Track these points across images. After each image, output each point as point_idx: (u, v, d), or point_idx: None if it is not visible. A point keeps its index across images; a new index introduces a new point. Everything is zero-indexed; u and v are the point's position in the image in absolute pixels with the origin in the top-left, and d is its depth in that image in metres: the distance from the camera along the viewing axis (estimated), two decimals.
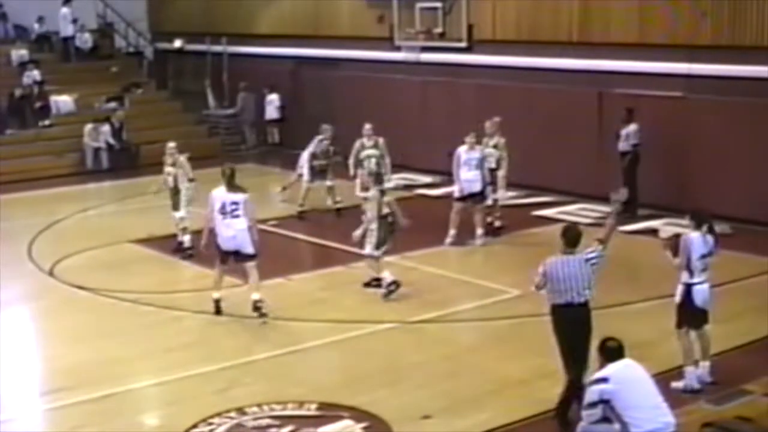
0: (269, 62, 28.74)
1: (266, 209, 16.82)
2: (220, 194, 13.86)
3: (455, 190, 17.71)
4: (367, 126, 19.64)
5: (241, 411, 10.82)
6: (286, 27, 28.10)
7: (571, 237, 10.40)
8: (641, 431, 8.16)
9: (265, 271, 15.09)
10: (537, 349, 12.61)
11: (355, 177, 18.95)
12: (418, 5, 24.04)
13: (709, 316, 11.23)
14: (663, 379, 9.33)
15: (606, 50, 20.28)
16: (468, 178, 17.51)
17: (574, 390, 9.95)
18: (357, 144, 19.37)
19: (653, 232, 18.02)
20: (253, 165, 25.88)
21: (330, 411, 10.69)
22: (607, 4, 20.41)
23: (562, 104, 21.25)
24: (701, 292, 11.00)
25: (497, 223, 18.06)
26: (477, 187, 17.48)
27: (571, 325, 10.28)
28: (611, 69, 20.30)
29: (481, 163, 17.46)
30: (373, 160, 19.15)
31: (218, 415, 10.73)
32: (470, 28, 23.24)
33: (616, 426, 8.31)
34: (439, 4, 23.65)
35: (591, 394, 8.41)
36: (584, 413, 8.54)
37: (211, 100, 30.39)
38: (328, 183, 20.09)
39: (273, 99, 28.52)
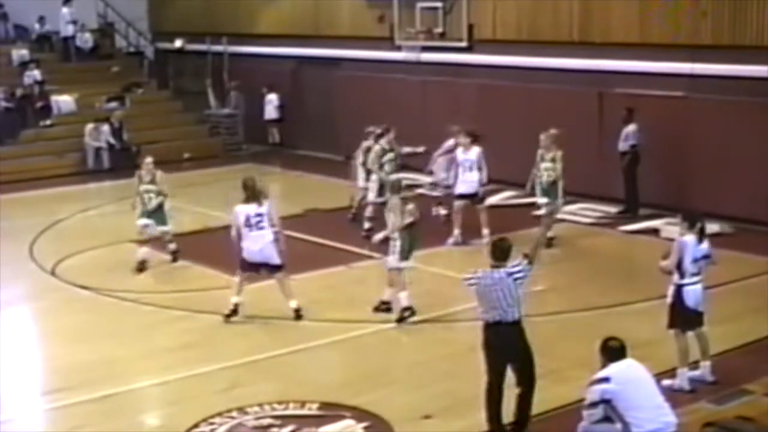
0: (270, 62, 28.76)
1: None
2: (243, 208, 13.78)
3: (455, 189, 17.79)
4: (391, 133, 18.56)
5: (242, 411, 10.83)
6: (287, 27, 28.11)
7: (500, 250, 9.96)
8: (643, 431, 8.17)
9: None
10: (538, 348, 12.54)
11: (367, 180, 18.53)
12: (419, 5, 24.05)
13: (704, 317, 11.23)
14: (664, 379, 9.36)
15: (606, 50, 20.29)
16: (464, 179, 17.54)
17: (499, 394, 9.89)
18: (377, 148, 18.34)
19: (654, 231, 18.07)
20: (254, 165, 25.88)
21: (331, 411, 10.71)
22: (607, 3, 20.42)
23: (562, 104, 21.23)
24: (692, 293, 11.03)
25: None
26: (473, 189, 17.50)
27: (500, 345, 9.84)
28: (612, 69, 20.31)
29: (476, 165, 17.45)
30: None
31: (219, 414, 10.74)
32: (471, 27, 23.25)
33: (618, 426, 8.33)
34: (439, 4, 23.66)
35: (592, 393, 8.43)
36: (585, 413, 8.55)
37: (212, 100, 30.40)
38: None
39: (272, 99, 28.54)
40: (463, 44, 23.38)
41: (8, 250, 17.67)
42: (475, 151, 17.52)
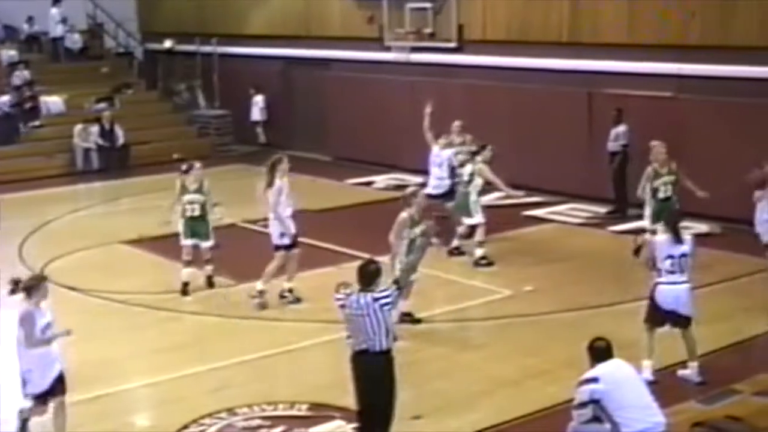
0: (260, 62, 28.75)
1: (254, 210, 16.79)
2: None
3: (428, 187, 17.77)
4: (456, 123, 18.29)
5: (232, 411, 10.84)
6: (277, 27, 28.10)
7: (366, 274, 9.39)
8: (632, 431, 8.19)
9: (256, 272, 15.12)
10: (528, 349, 12.68)
11: None
12: (408, 5, 24.06)
13: (690, 319, 11.27)
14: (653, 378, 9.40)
15: (596, 50, 20.33)
16: (435, 175, 17.62)
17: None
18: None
19: (643, 231, 18.09)
20: (243, 165, 25.88)
21: (321, 411, 10.72)
22: (596, 4, 20.46)
23: (552, 104, 21.29)
24: (666, 292, 11.12)
25: None
26: (444, 187, 17.47)
27: (366, 376, 9.31)
28: (601, 69, 20.37)
29: (446, 164, 17.41)
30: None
31: (209, 415, 10.75)
32: (460, 28, 23.28)
33: (607, 426, 8.35)
34: (429, 5, 23.68)
35: (581, 394, 8.44)
36: (575, 413, 8.57)
37: (201, 101, 30.39)
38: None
39: (258, 100, 28.62)
40: (453, 45, 23.41)
41: None
42: (449, 151, 17.50)
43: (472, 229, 16.64)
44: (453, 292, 15.10)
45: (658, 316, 11.23)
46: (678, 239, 11.16)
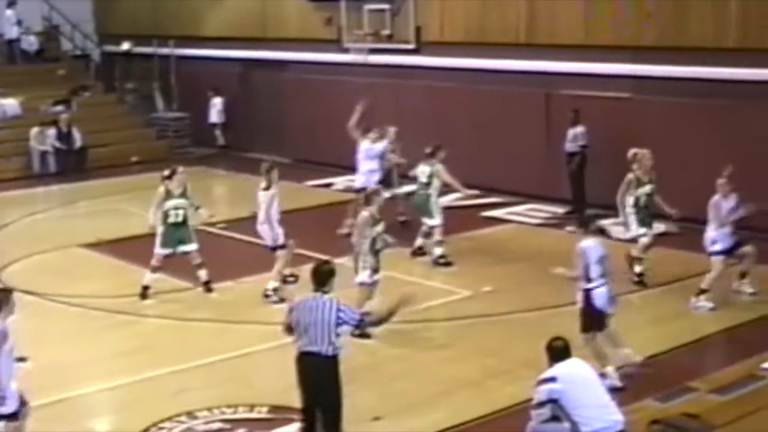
0: (217, 64, 28.66)
1: (213, 212, 16.78)
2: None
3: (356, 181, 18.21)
4: (392, 129, 18.46)
5: (191, 415, 10.81)
6: (234, 29, 28.01)
7: (320, 275, 9.33)
8: (590, 429, 8.25)
9: (215, 274, 15.12)
10: (487, 349, 12.74)
11: None
12: (366, 7, 24.07)
13: (610, 318, 11.41)
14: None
15: (553, 52, 20.45)
16: (366, 169, 17.91)
17: None
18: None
19: (601, 231, 18.21)
20: (201, 168, 25.78)
21: (281, 414, 10.70)
22: (553, 6, 20.57)
23: (510, 105, 21.38)
24: (601, 295, 11.18)
25: None
26: (374, 180, 17.61)
27: (312, 379, 9.24)
28: (558, 70, 20.49)
29: (380, 157, 17.75)
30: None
31: (169, 419, 10.72)
32: (418, 29, 23.32)
33: (566, 425, 8.40)
34: (386, 6, 23.71)
35: (539, 393, 8.49)
36: (533, 413, 8.62)
37: (159, 103, 30.24)
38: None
39: (216, 103, 28.50)
40: (411, 46, 23.44)
41: None
42: (382, 144, 17.85)
43: (432, 228, 16.79)
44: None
45: (599, 320, 11.25)
46: (600, 242, 11.25)
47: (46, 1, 31.85)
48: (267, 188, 14.80)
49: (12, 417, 9.45)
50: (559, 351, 8.64)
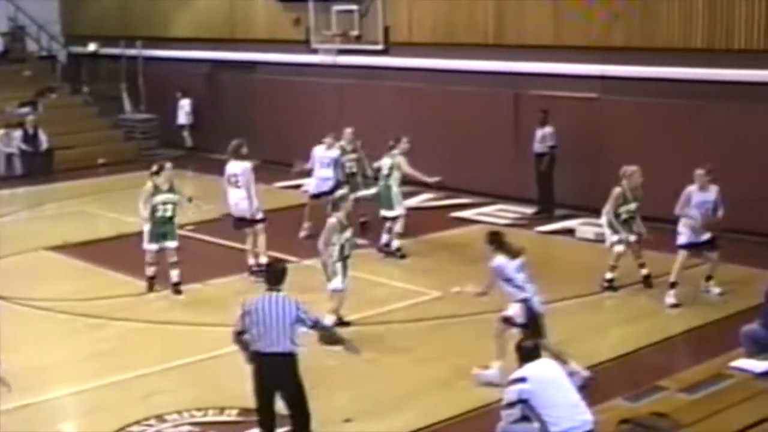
0: (185, 65, 28.54)
1: (183, 215, 16.69)
2: (227, 167, 16.00)
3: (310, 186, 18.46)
4: (348, 130, 18.51)
5: (161, 418, 10.75)
6: (202, 30, 27.91)
7: (274, 273, 9.49)
8: (560, 429, 8.26)
9: (183, 276, 15.03)
10: (457, 350, 12.73)
11: None
12: (334, 8, 24.04)
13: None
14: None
15: (521, 52, 20.49)
16: (321, 176, 17.96)
17: None
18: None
19: (570, 232, 18.30)
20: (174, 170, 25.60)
21: (251, 416, 10.62)
22: (521, 5, 20.61)
23: (478, 106, 21.41)
24: (536, 300, 11.31)
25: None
26: (328, 186, 17.88)
27: (267, 379, 9.31)
28: (527, 71, 20.53)
29: (334, 163, 17.78)
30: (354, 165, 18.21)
31: (138, 422, 10.65)
32: (386, 30, 23.32)
33: (535, 425, 8.40)
34: (355, 7, 23.69)
35: (509, 393, 8.49)
36: (503, 413, 8.62)
37: (126, 105, 30.09)
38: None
39: (184, 104, 28.38)
40: (379, 47, 23.44)
41: None
42: (335, 151, 17.98)
43: (393, 220, 17.02)
44: (381, 295, 15.10)
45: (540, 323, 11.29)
46: (512, 255, 11.32)
47: (12, 2, 31.60)
48: (243, 159, 15.88)
49: None
50: (529, 351, 8.65)
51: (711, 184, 14.16)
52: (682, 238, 14.26)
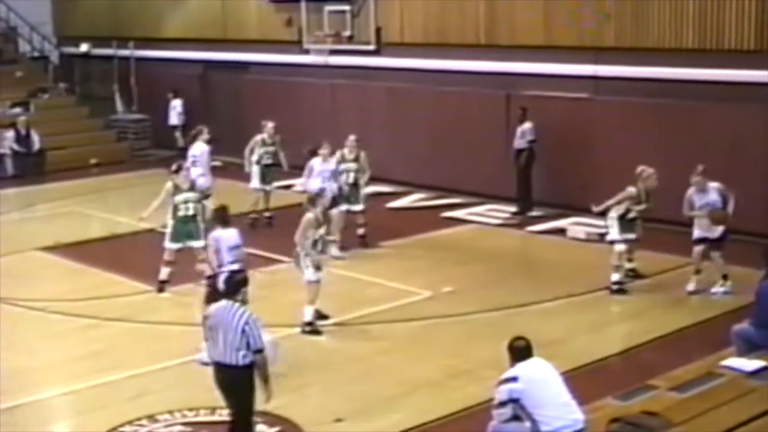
0: (177, 66, 28.52)
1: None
2: (189, 150, 18.58)
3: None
4: (351, 138, 17.95)
5: (152, 419, 10.75)
6: (194, 31, 27.90)
7: (232, 284, 9.51)
8: (551, 429, 8.27)
9: (174, 277, 15.02)
10: (448, 349, 12.75)
11: None
12: (327, 8, 24.05)
13: None
14: (572, 376, 9.49)
15: (513, 52, 20.51)
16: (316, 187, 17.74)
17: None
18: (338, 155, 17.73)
19: (561, 231, 18.32)
20: (161, 170, 25.56)
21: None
22: (512, 6, 20.62)
23: (470, 106, 21.42)
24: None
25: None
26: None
27: (225, 389, 9.36)
28: (518, 71, 20.54)
29: (333, 176, 17.33)
30: (352, 174, 17.73)
31: (129, 423, 10.65)
32: (378, 31, 23.33)
33: (527, 424, 8.41)
34: (347, 7, 23.70)
35: (501, 393, 8.50)
36: (495, 412, 8.62)
37: (119, 105, 30.06)
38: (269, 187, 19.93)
39: (176, 105, 28.32)
40: (371, 47, 23.45)
41: None
42: (333, 163, 17.51)
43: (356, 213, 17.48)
44: (372, 295, 15.11)
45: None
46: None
47: (4, 3, 31.60)
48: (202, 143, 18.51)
49: None
50: (520, 350, 8.65)
51: (709, 183, 14.25)
52: (695, 233, 14.49)
